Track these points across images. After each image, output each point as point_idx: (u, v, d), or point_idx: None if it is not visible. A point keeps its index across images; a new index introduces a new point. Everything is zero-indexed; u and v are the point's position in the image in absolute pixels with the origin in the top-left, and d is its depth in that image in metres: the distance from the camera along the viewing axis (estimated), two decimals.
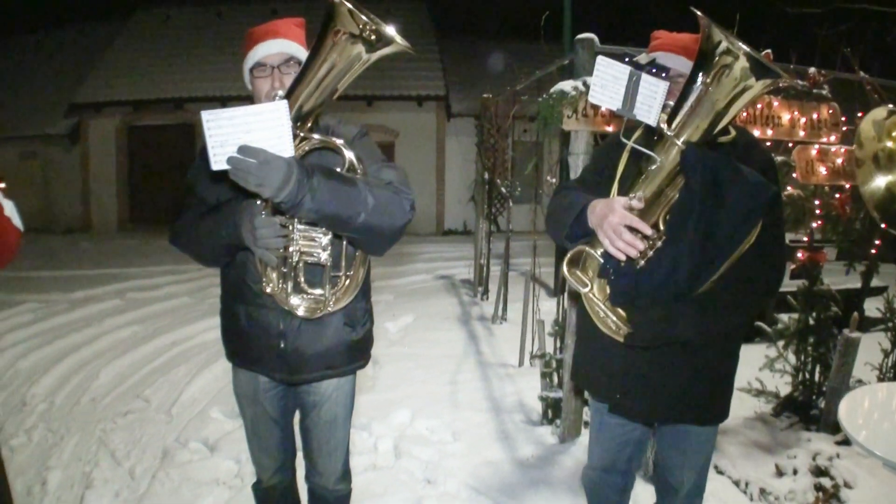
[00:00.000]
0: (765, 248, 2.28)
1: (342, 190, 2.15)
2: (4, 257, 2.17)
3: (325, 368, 2.60)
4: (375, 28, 2.00)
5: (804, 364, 5.01)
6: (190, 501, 3.96)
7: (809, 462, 4.23)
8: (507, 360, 6.62)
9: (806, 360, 5.00)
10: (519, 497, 3.95)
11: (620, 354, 2.48)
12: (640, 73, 2.20)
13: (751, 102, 2.20)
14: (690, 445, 2.68)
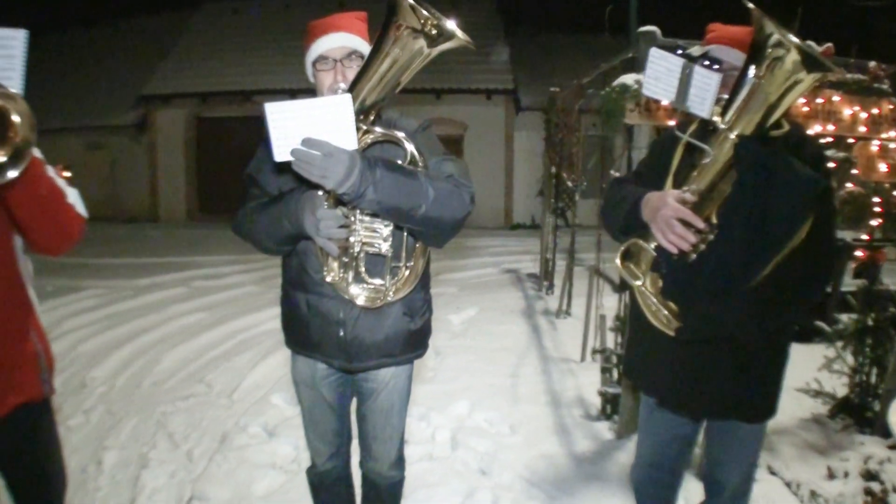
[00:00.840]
0: (815, 243, 2.26)
1: (404, 182, 2.20)
2: (67, 243, 2.27)
3: (384, 357, 2.65)
4: (437, 23, 2.05)
5: (861, 366, 4.92)
6: (246, 483, 4.07)
7: (861, 466, 4.17)
8: (569, 355, 6.61)
9: (863, 361, 4.90)
10: (572, 491, 3.97)
11: (670, 348, 2.49)
12: (693, 65, 2.22)
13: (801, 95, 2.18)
14: (738, 443, 2.67)
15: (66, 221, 2.18)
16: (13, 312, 2.27)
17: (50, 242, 2.21)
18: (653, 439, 2.88)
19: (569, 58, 19.21)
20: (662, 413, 2.73)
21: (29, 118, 1.75)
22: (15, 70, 1.81)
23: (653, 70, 2.25)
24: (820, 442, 4.57)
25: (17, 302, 2.29)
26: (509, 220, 19.94)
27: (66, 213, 2.17)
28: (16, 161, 1.75)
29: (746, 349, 2.45)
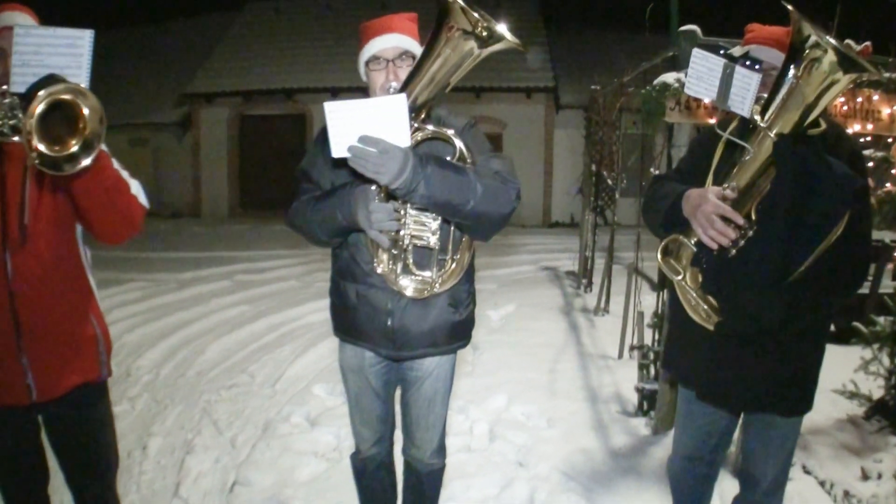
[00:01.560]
0: (851, 240, 2.31)
1: (453, 178, 2.29)
2: (129, 232, 2.39)
3: (429, 346, 2.74)
4: (487, 25, 2.14)
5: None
6: (288, 470, 4.18)
7: (895, 467, 4.18)
8: (606, 352, 6.67)
9: None
10: (608, 484, 4.04)
11: (710, 342, 2.55)
12: (733, 65, 2.29)
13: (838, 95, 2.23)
14: (774, 436, 2.72)
15: (128, 211, 2.30)
16: (75, 297, 2.40)
17: (112, 231, 2.33)
18: (691, 432, 2.94)
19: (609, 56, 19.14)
20: (701, 406, 2.79)
21: (98, 112, 1.87)
22: (82, 68, 1.92)
23: (695, 70, 2.31)
24: (855, 443, 4.59)
25: (78, 287, 2.42)
26: (548, 219, 19.92)
27: (129, 203, 2.29)
28: (86, 151, 1.86)
29: (784, 343, 2.50)
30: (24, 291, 2.22)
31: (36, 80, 1.84)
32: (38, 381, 2.28)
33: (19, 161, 2.20)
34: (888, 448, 4.45)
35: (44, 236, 2.26)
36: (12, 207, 2.19)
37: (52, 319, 2.30)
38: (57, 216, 2.29)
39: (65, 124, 1.84)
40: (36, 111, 1.76)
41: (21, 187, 2.21)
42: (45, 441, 2.53)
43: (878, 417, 4.89)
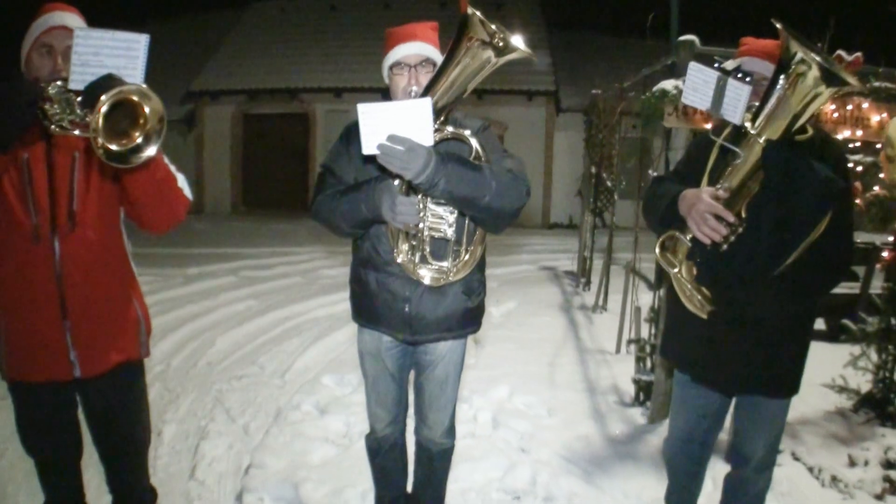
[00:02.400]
0: (833, 236, 2.55)
1: (471, 175, 2.52)
2: (174, 222, 2.58)
3: (443, 331, 2.95)
4: (503, 37, 2.36)
5: (885, 363, 5.14)
6: (300, 454, 4.37)
7: (881, 455, 4.39)
8: (604, 347, 6.88)
9: (887, 359, 5.13)
10: (605, 468, 4.25)
11: (703, 329, 2.78)
12: (726, 77, 2.52)
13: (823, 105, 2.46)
14: (763, 417, 2.94)
15: (175, 202, 2.50)
16: (119, 282, 2.59)
17: (159, 220, 2.54)
18: (685, 415, 3.16)
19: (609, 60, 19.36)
20: (695, 389, 3.02)
21: (159, 112, 2.06)
22: (137, 69, 2.12)
23: (691, 81, 2.55)
24: (843, 433, 4.81)
25: (122, 273, 2.62)
26: (547, 220, 20.11)
27: (175, 194, 2.49)
28: (148, 143, 2.06)
29: (772, 331, 2.73)
30: (71, 275, 2.40)
31: (94, 80, 2.01)
32: (81, 358, 2.46)
33: (68, 152, 2.38)
34: (875, 438, 4.67)
35: (91, 224, 2.43)
36: (61, 196, 2.37)
37: (97, 302, 2.48)
38: (103, 205, 2.47)
39: (127, 119, 2.02)
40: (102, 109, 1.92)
41: (70, 177, 2.38)
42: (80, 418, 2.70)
43: (866, 409, 5.12)
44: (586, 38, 23.39)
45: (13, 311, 2.39)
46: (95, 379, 2.51)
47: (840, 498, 4.05)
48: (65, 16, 2.36)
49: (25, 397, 2.53)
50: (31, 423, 2.58)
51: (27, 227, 2.32)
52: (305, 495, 3.88)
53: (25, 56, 2.36)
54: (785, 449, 4.50)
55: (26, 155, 2.30)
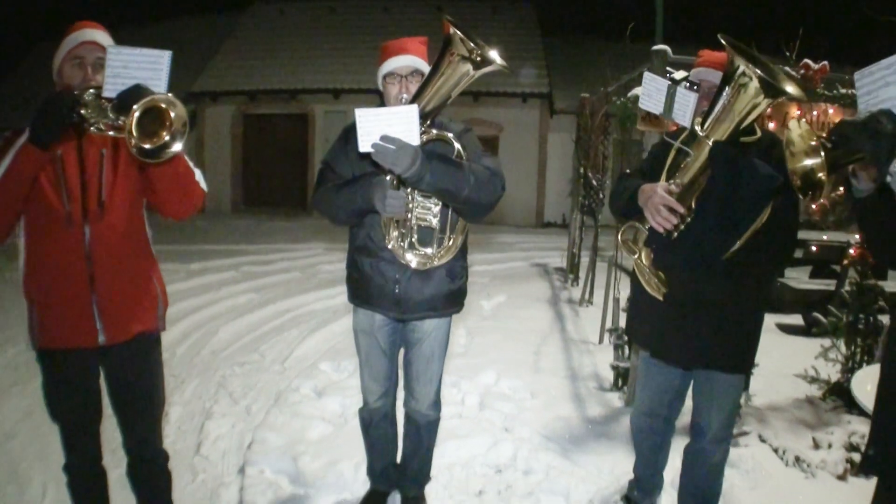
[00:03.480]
0: (776, 227, 2.90)
1: (453, 171, 2.87)
2: (191, 211, 2.91)
3: (429, 310, 3.29)
4: (480, 52, 2.70)
5: (853, 354, 5.44)
6: (299, 431, 4.68)
7: (845, 439, 4.64)
8: (588, 338, 7.22)
9: (855, 350, 5.43)
10: (581, 445, 4.58)
11: (661, 310, 3.12)
12: (675, 86, 2.86)
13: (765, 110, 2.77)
14: (718, 390, 3.26)
15: (193, 193, 2.84)
16: (141, 261, 2.93)
17: (178, 209, 2.86)
18: (649, 391, 3.52)
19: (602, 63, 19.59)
20: (657, 366, 3.37)
21: (183, 117, 2.38)
22: (161, 80, 2.45)
23: (646, 89, 2.90)
24: (810, 419, 5.10)
25: (143, 254, 2.95)
26: (540, 219, 20.43)
27: (194, 187, 2.83)
28: (174, 141, 2.39)
29: (722, 310, 3.07)
30: (99, 255, 2.71)
31: (125, 89, 2.36)
32: (106, 328, 2.77)
33: (96, 149, 2.71)
34: (841, 423, 4.92)
35: (117, 211, 2.75)
36: (92, 187, 2.69)
37: (121, 278, 2.80)
38: (128, 195, 2.79)
39: (156, 122, 2.34)
40: (135, 113, 2.26)
41: (99, 170, 2.71)
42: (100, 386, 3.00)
43: (834, 398, 5.41)
44: (580, 42, 23.70)
45: (47, 286, 2.70)
46: (118, 346, 2.82)
47: (802, 476, 4.34)
48: (94, 32, 2.69)
49: (54, 364, 2.82)
50: (58, 388, 2.87)
51: (61, 213, 2.63)
52: (304, 467, 4.19)
53: (58, 67, 2.69)
54: (752, 431, 4.82)
55: (59, 151, 2.62)
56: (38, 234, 2.67)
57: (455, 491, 3.99)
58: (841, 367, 5.50)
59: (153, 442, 3.11)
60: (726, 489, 3.78)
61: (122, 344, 2.83)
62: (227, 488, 4.01)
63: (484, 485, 4.09)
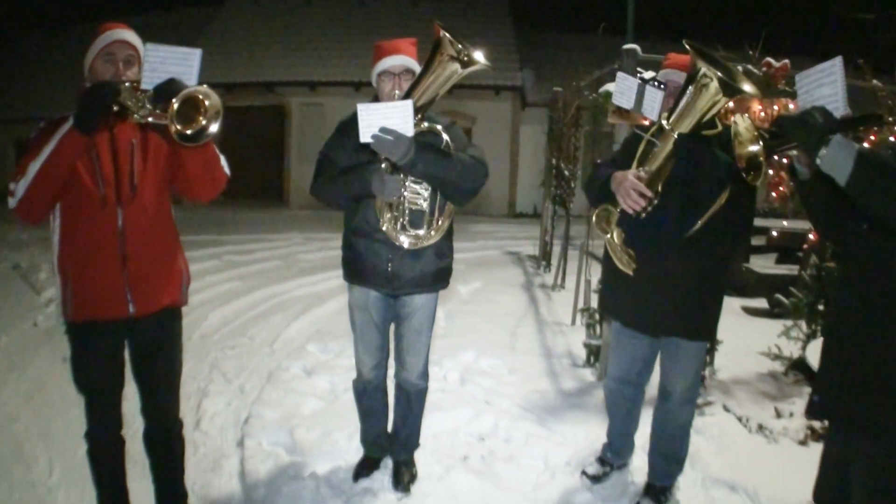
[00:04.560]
0: (733, 210, 3.26)
1: (442, 159, 3.22)
2: (215, 193, 3.18)
3: (418, 286, 3.61)
4: (468, 53, 3.01)
5: (813, 332, 5.82)
6: (293, 406, 4.98)
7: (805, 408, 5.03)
8: (561, 320, 7.58)
9: (815, 328, 5.82)
10: (557, 415, 4.93)
11: (631, 283, 3.47)
12: (644, 84, 3.21)
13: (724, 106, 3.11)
14: (682, 356, 3.61)
15: (219, 177, 3.12)
16: (168, 241, 3.20)
17: (205, 191, 3.14)
18: (620, 358, 3.87)
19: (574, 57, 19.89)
20: (627, 335, 3.73)
21: (217, 105, 2.66)
22: (193, 75, 2.73)
23: (618, 87, 3.25)
24: (772, 391, 5.48)
25: (170, 235, 3.23)
26: (513, 210, 20.80)
27: (220, 171, 3.11)
28: (209, 127, 2.67)
29: (685, 283, 3.42)
30: (131, 233, 2.98)
31: (161, 82, 2.63)
32: (136, 300, 3.03)
33: (127, 139, 2.98)
34: (802, 395, 5.28)
35: (147, 195, 3.03)
36: (123, 173, 2.96)
37: (150, 255, 3.07)
38: (156, 180, 3.07)
39: (193, 110, 2.61)
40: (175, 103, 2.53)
41: (130, 158, 2.98)
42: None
43: (795, 372, 5.79)
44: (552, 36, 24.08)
45: (83, 262, 2.95)
46: (145, 318, 3.09)
47: (765, 442, 4.69)
48: (124, 32, 2.97)
49: (85, 335, 3.07)
50: (87, 359, 3.11)
51: (96, 196, 2.90)
52: (300, 438, 4.48)
53: (90, 63, 2.96)
54: (717, 402, 5.19)
55: (93, 141, 2.89)
56: (75, 216, 2.93)
57: (442, 457, 4.30)
58: (802, 344, 5.85)
59: (172, 409, 3.39)
60: (693, 453, 4.16)
61: (149, 316, 3.09)
62: (228, 460, 4.26)
63: (468, 451, 4.41)
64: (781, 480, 3.97)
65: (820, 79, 2.35)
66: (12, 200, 2.79)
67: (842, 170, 2.11)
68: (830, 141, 2.13)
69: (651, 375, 3.96)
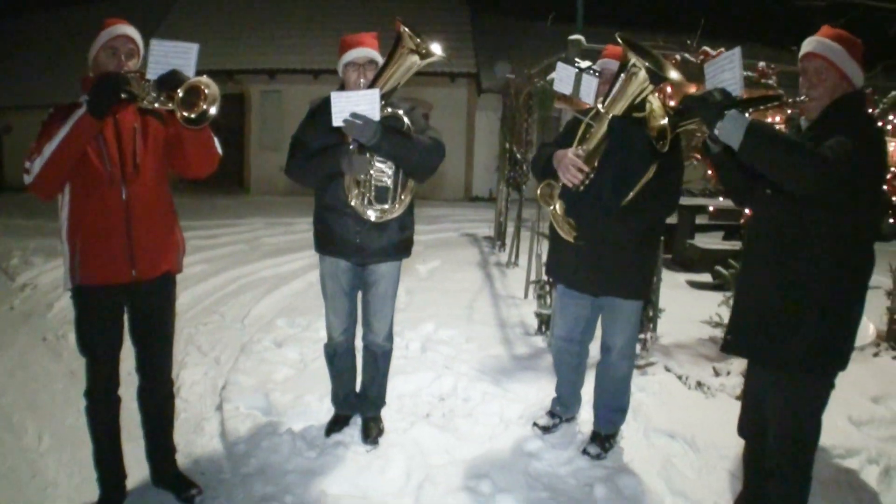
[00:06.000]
0: (661, 182, 3.72)
1: (404, 140, 3.64)
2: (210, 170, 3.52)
3: (384, 256, 4.02)
4: (425, 46, 3.42)
5: None
6: (266, 373, 5.34)
7: (742, 368, 5.17)
8: (515, 294, 8.04)
9: None
10: (511, 377, 5.37)
11: (572, 249, 3.92)
12: (581, 73, 3.64)
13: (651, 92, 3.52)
14: (619, 314, 4.08)
15: (213, 155, 3.48)
16: (166, 214, 3.57)
17: (202, 168, 3.49)
18: (565, 318, 4.31)
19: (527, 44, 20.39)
20: (570, 297, 4.17)
21: (216, 93, 3.03)
22: (191, 67, 3.08)
23: (559, 75, 3.69)
24: (712, 354, 5.90)
25: (169, 208, 3.60)
26: (469, 193, 21.13)
27: (214, 150, 3.47)
28: (209, 111, 3.03)
29: (621, 247, 3.86)
30: (134, 207, 3.33)
31: (164, 73, 2.99)
32: (139, 266, 3.38)
33: (129, 124, 3.33)
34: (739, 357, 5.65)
35: (147, 173, 3.38)
36: (127, 155, 3.31)
37: (151, 227, 3.43)
38: (156, 160, 3.43)
39: (195, 97, 2.98)
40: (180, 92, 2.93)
41: (132, 141, 3.34)
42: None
43: None
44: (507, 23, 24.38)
45: (91, 232, 3.29)
46: (145, 282, 3.45)
47: (703, 397, 5.15)
48: (126, 28, 3.33)
49: (89, 298, 3.40)
50: (91, 320, 3.44)
51: (104, 174, 3.25)
52: (274, 401, 4.86)
53: (94, 56, 3.31)
54: (659, 362, 5.66)
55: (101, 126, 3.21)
56: (84, 192, 3.27)
57: (406, 414, 4.71)
58: None
59: (166, 368, 3.74)
60: (636, 406, 4.65)
61: (149, 280, 3.46)
62: (209, 422, 4.60)
63: (430, 409, 4.84)
64: (717, 430, 4.38)
65: (723, 65, 2.81)
66: (28, 177, 3.13)
67: (735, 139, 2.59)
68: (725, 115, 2.60)
69: (594, 334, 4.40)
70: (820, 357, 2.90)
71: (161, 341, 3.68)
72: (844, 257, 2.84)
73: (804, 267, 2.86)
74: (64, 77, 21.00)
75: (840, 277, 2.85)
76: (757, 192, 3.08)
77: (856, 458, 4.35)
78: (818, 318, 2.85)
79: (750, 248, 3.18)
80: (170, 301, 3.68)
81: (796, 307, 2.88)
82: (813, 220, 2.83)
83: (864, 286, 2.97)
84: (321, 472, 3.97)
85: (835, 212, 2.78)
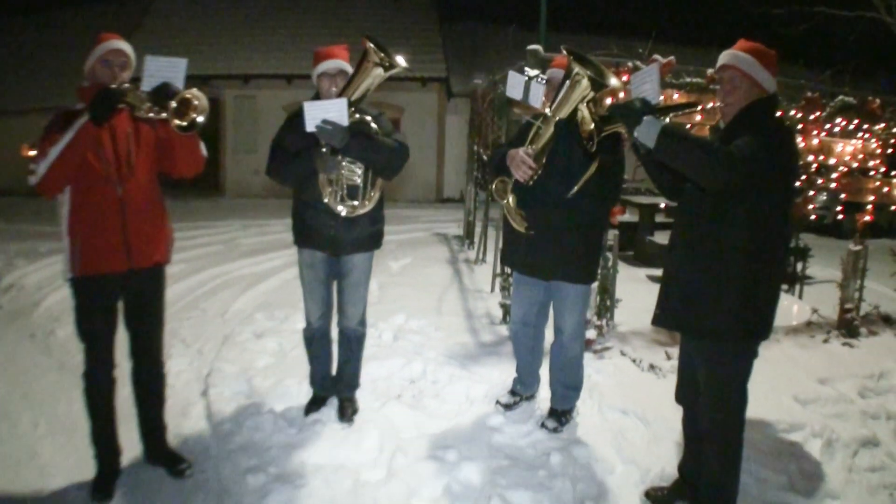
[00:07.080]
0: (604, 177, 4.14)
1: (372, 143, 4.01)
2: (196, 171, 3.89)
3: (356, 248, 4.39)
4: (389, 60, 3.81)
5: None
6: (248, 361, 5.68)
7: None
8: (482, 288, 8.47)
9: None
10: (476, 361, 5.78)
11: (524, 239, 4.32)
12: (530, 80, 4.06)
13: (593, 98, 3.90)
14: (569, 298, 4.48)
15: (199, 158, 3.86)
16: (158, 210, 3.91)
17: (189, 169, 3.86)
18: (520, 303, 4.72)
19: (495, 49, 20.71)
20: (524, 283, 4.58)
21: (205, 104, 3.38)
22: (180, 80, 3.44)
23: (509, 82, 4.11)
24: (665, 340, 6.35)
25: (160, 204, 3.93)
26: (440, 195, 21.42)
27: (200, 153, 3.85)
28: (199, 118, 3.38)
29: (568, 236, 4.27)
30: (129, 203, 3.68)
31: (157, 85, 3.37)
32: (133, 256, 3.72)
33: (123, 129, 3.68)
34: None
35: (140, 173, 3.73)
36: (122, 156, 3.67)
37: (144, 221, 3.77)
38: (147, 161, 3.78)
39: (185, 107, 3.34)
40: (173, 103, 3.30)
41: (126, 144, 3.69)
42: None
43: None
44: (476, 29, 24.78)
45: (91, 226, 3.63)
46: (140, 271, 3.79)
47: (655, 378, 5.56)
48: (120, 42, 3.72)
49: (88, 287, 3.73)
50: (89, 308, 3.76)
51: (101, 174, 3.60)
52: (257, 386, 5.20)
53: (90, 67, 3.68)
54: (614, 347, 6.09)
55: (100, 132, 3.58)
56: (84, 190, 3.61)
57: (379, 395, 5.07)
58: None
59: (158, 351, 4.09)
60: (591, 386, 5.04)
61: (143, 270, 3.80)
62: (195, 406, 4.90)
63: (401, 391, 5.21)
64: (668, 406, 4.54)
65: (644, 78, 3.24)
66: (33, 178, 3.48)
67: (651, 140, 3.01)
68: (643, 120, 3.02)
69: (547, 318, 4.79)
70: (738, 326, 3.28)
71: (153, 325, 4.02)
72: (758, 240, 3.22)
73: (722, 249, 3.25)
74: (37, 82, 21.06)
75: (754, 258, 3.23)
76: (685, 187, 3.47)
77: (799, 432, 4.72)
78: (735, 293, 3.24)
79: (674, 235, 3.59)
80: (161, 290, 4.02)
81: (716, 283, 3.27)
82: (728, 208, 3.20)
83: (778, 265, 3.37)
84: (301, 445, 4.31)
85: (746, 201, 3.16)
